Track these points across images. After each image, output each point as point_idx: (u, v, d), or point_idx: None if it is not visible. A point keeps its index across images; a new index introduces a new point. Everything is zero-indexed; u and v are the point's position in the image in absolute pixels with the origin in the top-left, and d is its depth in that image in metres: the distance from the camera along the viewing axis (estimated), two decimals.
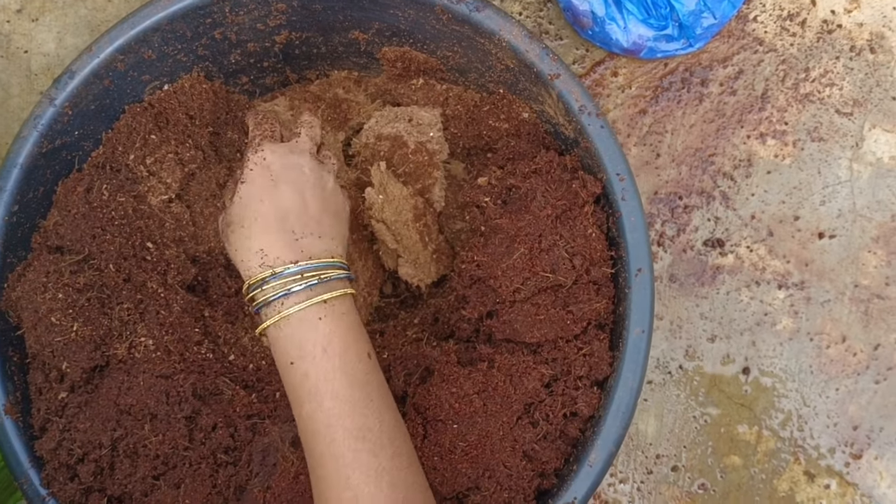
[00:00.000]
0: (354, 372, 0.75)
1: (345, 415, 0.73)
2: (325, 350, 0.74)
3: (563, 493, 0.82)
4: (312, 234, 0.80)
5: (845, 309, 1.09)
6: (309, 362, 0.74)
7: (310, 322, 0.75)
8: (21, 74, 1.17)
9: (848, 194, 1.10)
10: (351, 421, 0.73)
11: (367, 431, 0.73)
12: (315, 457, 0.73)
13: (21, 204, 0.89)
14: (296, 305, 0.75)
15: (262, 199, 0.79)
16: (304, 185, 0.81)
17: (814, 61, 1.13)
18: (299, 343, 0.74)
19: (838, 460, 1.07)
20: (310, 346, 0.74)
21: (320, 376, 0.74)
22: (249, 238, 0.78)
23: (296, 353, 0.74)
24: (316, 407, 0.73)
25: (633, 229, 0.85)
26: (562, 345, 0.86)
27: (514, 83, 0.94)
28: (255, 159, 0.82)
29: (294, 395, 0.75)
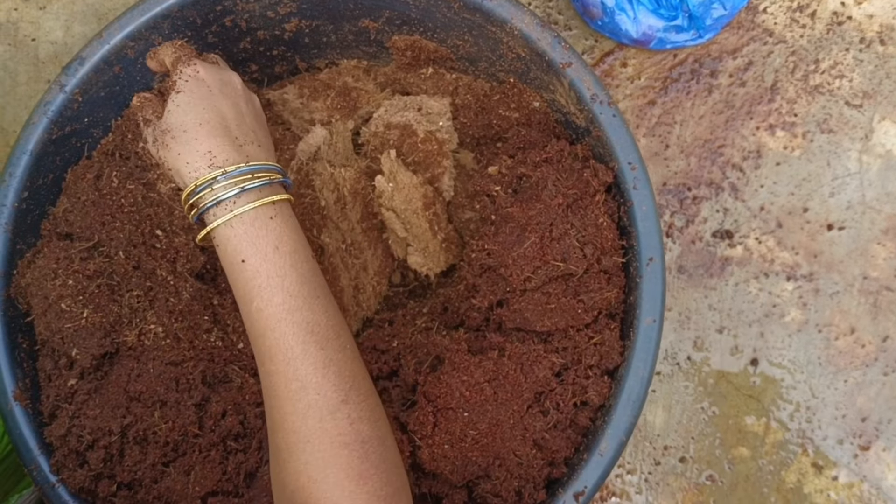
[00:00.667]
0: (303, 269, 0.76)
1: (294, 309, 0.74)
2: (277, 248, 0.75)
3: (573, 481, 0.82)
4: (252, 142, 0.81)
5: (854, 301, 1.08)
6: (261, 259, 0.74)
7: (262, 220, 0.76)
8: (29, 62, 1.17)
9: (857, 186, 1.10)
10: (300, 315, 0.74)
11: (315, 325, 0.74)
12: (263, 352, 0.74)
13: (31, 190, 0.89)
14: (249, 204, 0.75)
15: (204, 107, 0.79)
16: (238, 99, 0.83)
17: (823, 53, 1.13)
18: (252, 240, 0.75)
19: (846, 452, 1.06)
20: (262, 243, 0.75)
21: (272, 272, 0.74)
22: (196, 140, 0.78)
23: (249, 250, 0.74)
24: (266, 303, 0.73)
25: (644, 218, 0.85)
26: (572, 334, 0.86)
27: (525, 72, 0.94)
28: (188, 72, 0.82)
29: (243, 293, 0.75)
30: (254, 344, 0.75)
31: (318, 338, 0.74)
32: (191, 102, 0.80)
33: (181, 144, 0.78)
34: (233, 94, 0.83)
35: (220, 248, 0.76)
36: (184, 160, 0.78)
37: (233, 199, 0.76)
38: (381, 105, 1.01)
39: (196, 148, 0.77)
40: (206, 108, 0.80)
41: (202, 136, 0.78)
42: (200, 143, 0.78)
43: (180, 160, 0.78)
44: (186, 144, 0.78)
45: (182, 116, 0.79)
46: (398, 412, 0.86)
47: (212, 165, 0.77)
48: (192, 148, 0.78)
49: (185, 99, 0.80)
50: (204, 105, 0.80)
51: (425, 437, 0.83)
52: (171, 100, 0.80)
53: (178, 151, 0.78)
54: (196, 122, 0.78)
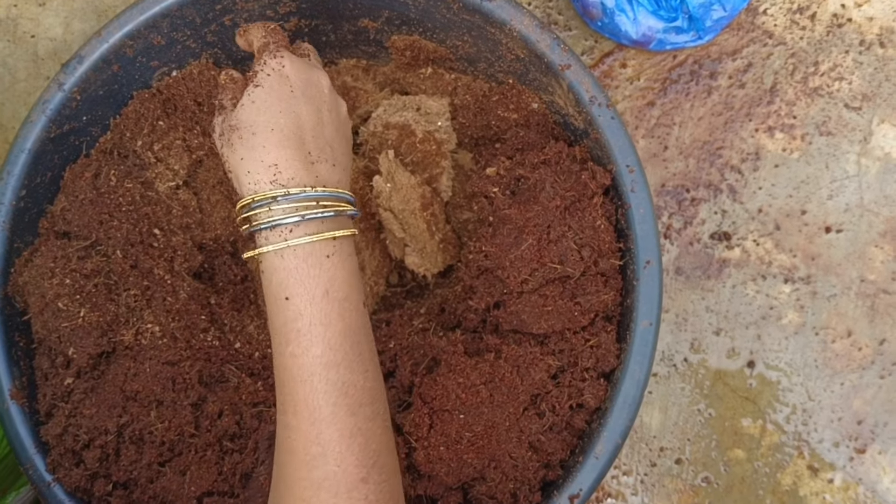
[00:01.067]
0: (350, 320, 0.69)
1: (332, 365, 0.67)
2: (328, 292, 0.68)
3: (568, 484, 0.82)
4: (327, 160, 0.72)
5: (851, 304, 1.09)
6: (307, 302, 0.67)
7: (316, 258, 0.68)
8: (28, 59, 1.16)
9: (856, 189, 1.10)
10: (336, 373, 0.67)
11: (351, 387, 0.67)
12: (288, 403, 0.67)
13: (29, 189, 0.89)
14: (307, 236, 0.68)
15: (281, 110, 0.70)
16: (322, 105, 0.73)
17: (823, 55, 1.12)
18: (302, 279, 0.67)
19: (842, 455, 1.07)
20: (312, 284, 0.67)
21: (316, 319, 0.67)
22: (264, 147, 0.68)
23: (296, 289, 0.67)
24: (303, 351, 0.66)
25: (642, 221, 0.85)
26: (569, 336, 0.86)
27: (524, 73, 0.94)
28: (273, 64, 0.72)
29: (280, 332, 0.68)
30: (279, 390, 0.68)
31: (350, 401, 0.67)
32: (267, 101, 0.70)
33: (247, 149, 0.69)
34: (317, 97, 0.73)
35: (265, 276, 0.69)
36: (245, 167, 0.69)
37: (290, 227, 0.68)
38: (380, 105, 1.01)
39: (261, 157, 0.69)
40: (283, 112, 0.70)
41: (271, 145, 0.69)
42: (268, 152, 0.69)
43: (242, 166, 0.69)
44: (252, 150, 0.69)
45: (255, 116, 0.70)
46: (394, 414, 0.86)
47: (274, 182, 0.68)
48: (256, 156, 0.69)
49: (263, 96, 0.70)
50: (281, 107, 0.70)
51: (421, 439, 0.83)
52: (248, 93, 0.71)
53: (242, 156, 0.69)
54: (268, 126, 0.69)
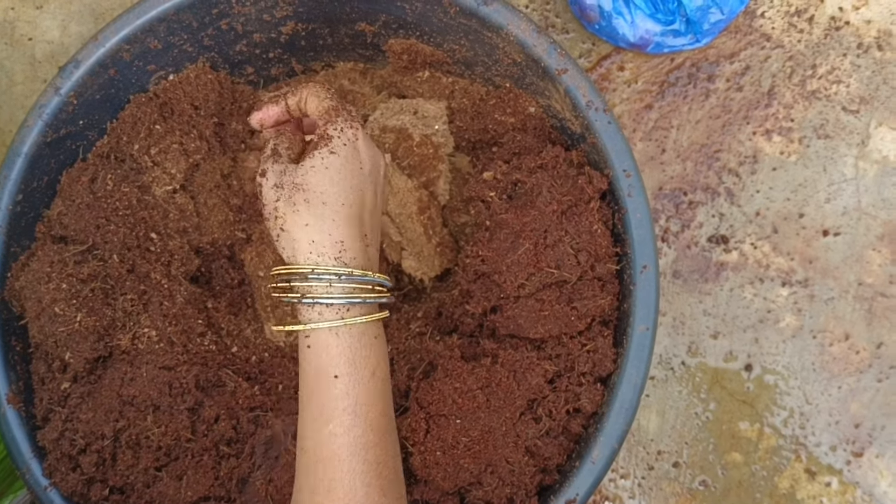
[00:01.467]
0: (387, 401, 0.70)
1: (370, 446, 0.67)
2: (374, 373, 0.68)
3: (565, 489, 0.82)
4: (374, 243, 0.72)
5: (849, 307, 1.09)
6: (355, 381, 0.67)
7: (368, 339, 0.69)
8: (25, 62, 1.16)
9: (853, 192, 1.10)
10: (374, 454, 0.68)
11: (384, 468, 0.68)
12: (321, 480, 0.67)
13: (25, 193, 0.89)
14: (362, 317, 0.68)
15: (353, 186, 0.69)
16: (379, 188, 0.74)
17: (821, 58, 1.12)
18: (353, 358, 0.67)
19: (839, 458, 1.07)
20: (362, 364, 0.68)
21: (361, 399, 0.67)
22: (333, 221, 0.68)
23: (346, 367, 0.67)
24: (345, 430, 0.66)
25: (638, 226, 0.85)
26: (566, 341, 0.86)
27: (521, 77, 0.94)
28: (349, 135, 0.71)
29: (321, 409, 0.67)
30: (310, 467, 0.67)
31: (383, 482, 0.68)
32: (342, 172, 0.69)
33: (315, 217, 0.68)
34: (377, 179, 0.73)
35: (312, 351, 0.67)
36: (310, 236, 0.68)
37: (346, 307, 0.68)
38: (377, 108, 1.01)
39: (330, 230, 0.68)
40: (354, 189, 0.69)
41: (340, 220, 0.68)
42: (337, 226, 0.68)
43: (305, 233, 0.68)
44: (321, 220, 0.68)
45: (327, 185, 0.68)
46: None
47: (339, 259, 0.68)
48: (325, 227, 0.68)
49: (338, 165, 0.69)
50: (353, 183, 0.69)
51: (417, 444, 0.83)
52: (321, 156, 0.69)
53: (307, 222, 0.68)
54: (340, 199, 0.68)
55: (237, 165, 0.98)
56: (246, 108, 1.01)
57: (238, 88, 1.00)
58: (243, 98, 1.01)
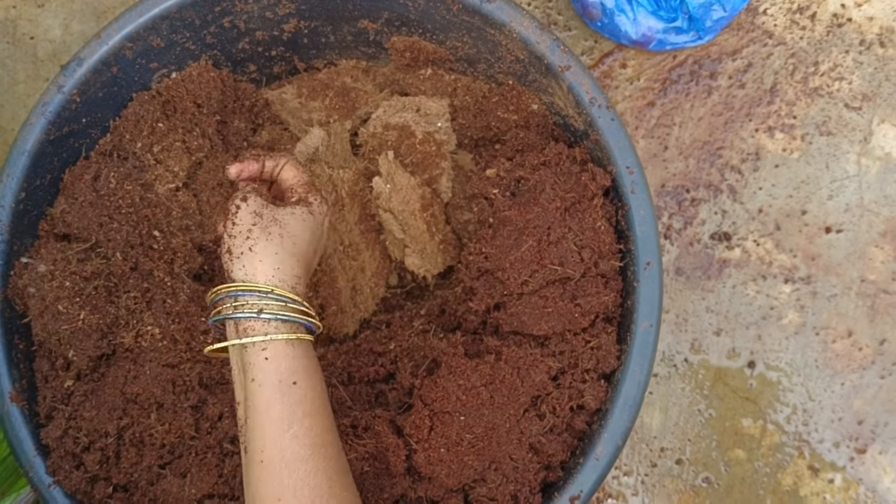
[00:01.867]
0: (329, 404, 0.77)
1: (327, 444, 0.73)
2: (320, 380, 0.76)
3: (569, 485, 0.82)
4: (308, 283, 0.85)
5: (851, 304, 1.08)
6: (309, 386, 0.74)
7: (311, 352, 0.77)
8: (27, 60, 1.16)
9: (856, 189, 1.10)
10: (331, 450, 0.73)
11: (340, 462, 0.74)
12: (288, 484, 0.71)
13: (28, 191, 0.89)
14: (307, 335, 0.77)
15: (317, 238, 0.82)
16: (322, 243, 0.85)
17: (823, 55, 1.12)
18: (306, 366, 0.75)
19: (843, 455, 1.07)
20: (312, 371, 0.75)
21: (316, 402, 0.74)
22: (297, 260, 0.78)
23: (302, 374, 0.74)
24: (305, 432, 0.72)
25: (642, 223, 0.85)
26: (569, 338, 0.86)
27: (524, 74, 0.94)
28: (323, 209, 0.83)
29: (283, 416, 0.72)
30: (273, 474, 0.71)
31: (341, 476, 0.73)
32: (312, 229, 0.81)
33: (284, 249, 0.77)
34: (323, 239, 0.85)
35: (272, 363, 0.73)
36: (275, 263, 0.76)
37: (298, 325, 0.76)
38: (380, 106, 1.01)
39: (292, 265, 0.77)
40: (313, 242, 0.81)
41: (302, 260, 0.79)
42: (298, 263, 0.78)
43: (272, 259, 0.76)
44: (289, 254, 0.77)
45: (300, 231, 0.79)
46: (395, 416, 0.86)
47: (295, 289, 0.76)
48: (290, 261, 0.77)
49: (311, 223, 0.81)
50: (317, 236, 0.82)
51: (421, 441, 0.83)
52: (301, 210, 0.80)
53: (277, 251, 0.77)
54: (304, 245, 0.79)
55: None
56: (248, 105, 1.01)
57: (240, 86, 1.00)
58: (246, 96, 1.01)
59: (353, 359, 0.92)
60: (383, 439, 0.83)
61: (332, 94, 1.03)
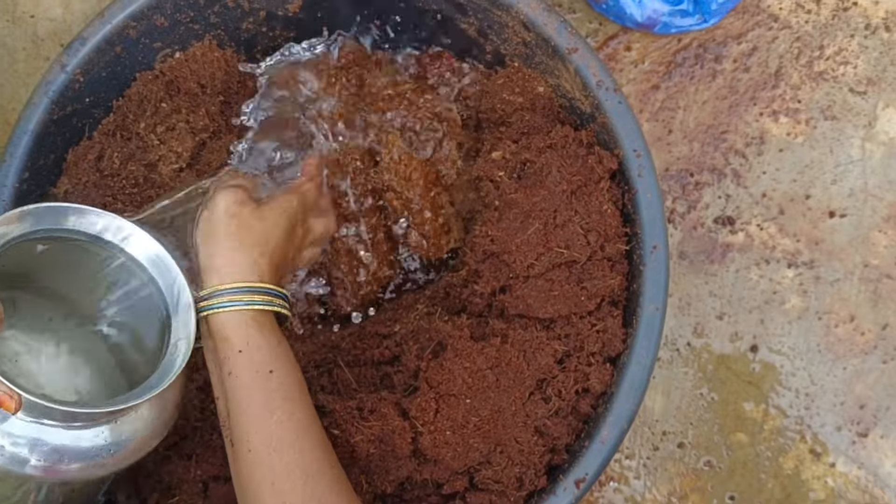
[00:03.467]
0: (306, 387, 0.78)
1: (310, 425, 0.76)
2: (295, 365, 0.78)
3: (574, 468, 0.82)
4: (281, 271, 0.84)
5: (854, 288, 1.09)
6: (286, 372, 0.76)
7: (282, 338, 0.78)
8: (27, 39, 1.15)
9: (860, 174, 1.10)
10: (315, 431, 0.76)
11: (324, 442, 0.76)
12: (279, 468, 0.72)
13: (31, 171, 0.89)
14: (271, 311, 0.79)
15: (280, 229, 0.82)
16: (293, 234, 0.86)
17: (828, 39, 1.12)
18: (280, 354, 0.76)
19: (844, 439, 1.07)
20: (285, 357, 0.77)
21: (294, 387, 0.76)
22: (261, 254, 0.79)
23: (278, 362, 0.76)
24: (288, 416, 0.74)
25: (648, 206, 0.85)
26: (575, 321, 0.86)
27: (530, 56, 0.93)
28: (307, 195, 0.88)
29: (266, 404, 0.74)
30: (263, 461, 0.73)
31: (328, 454, 0.76)
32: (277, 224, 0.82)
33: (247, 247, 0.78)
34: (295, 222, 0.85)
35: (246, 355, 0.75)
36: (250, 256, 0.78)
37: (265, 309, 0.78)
38: (386, 87, 1.01)
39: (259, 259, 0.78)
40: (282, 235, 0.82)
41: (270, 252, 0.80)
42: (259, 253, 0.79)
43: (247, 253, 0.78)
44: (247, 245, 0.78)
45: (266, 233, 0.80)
46: (400, 398, 0.86)
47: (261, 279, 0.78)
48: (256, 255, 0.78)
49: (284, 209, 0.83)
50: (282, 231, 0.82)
51: (427, 424, 0.83)
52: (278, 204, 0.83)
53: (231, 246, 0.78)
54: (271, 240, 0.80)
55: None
56: (252, 86, 1.01)
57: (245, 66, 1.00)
58: (250, 76, 1.00)
59: (359, 341, 0.92)
60: (389, 422, 0.83)
61: (338, 74, 1.02)
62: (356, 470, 0.82)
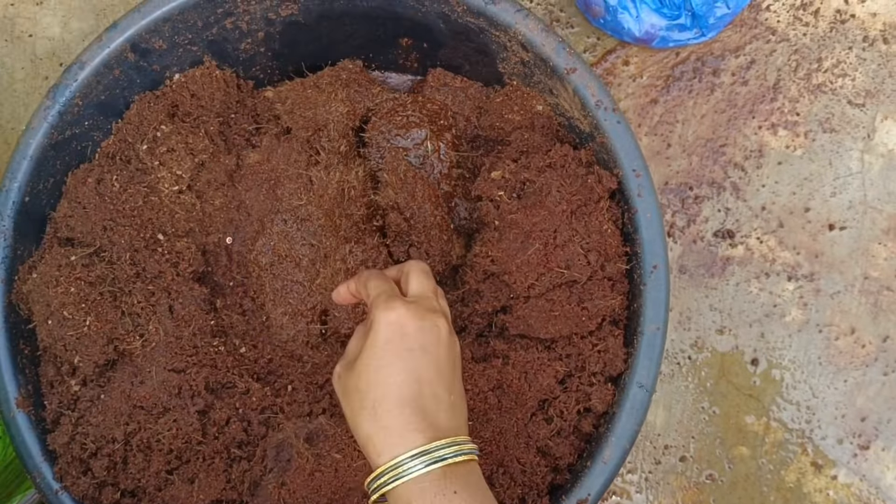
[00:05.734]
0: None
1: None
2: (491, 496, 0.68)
3: (576, 489, 0.82)
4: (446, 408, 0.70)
5: (855, 301, 1.09)
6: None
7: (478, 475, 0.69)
8: (26, 59, 1.16)
9: (859, 186, 1.10)
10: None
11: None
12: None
13: (31, 195, 0.89)
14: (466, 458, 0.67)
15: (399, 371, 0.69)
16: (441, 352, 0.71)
17: (826, 51, 1.12)
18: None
19: (846, 451, 1.07)
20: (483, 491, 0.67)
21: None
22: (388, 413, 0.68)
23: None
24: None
25: (648, 226, 0.85)
26: (576, 341, 0.86)
27: (529, 76, 0.93)
28: (385, 319, 0.70)
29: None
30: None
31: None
32: (383, 364, 0.69)
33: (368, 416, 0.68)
34: (435, 347, 0.70)
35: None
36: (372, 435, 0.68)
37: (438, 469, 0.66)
38: (384, 104, 1.01)
39: (385, 424, 0.67)
40: (401, 372, 0.68)
41: (393, 410, 0.67)
42: (391, 417, 0.67)
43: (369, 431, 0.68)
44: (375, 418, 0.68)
45: (372, 381, 0.69)
46: None
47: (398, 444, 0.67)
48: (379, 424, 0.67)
49: (379, 358, 0.69)
50: (398, 368, 0.69)
51: None
52: (365, 355, 0.70)
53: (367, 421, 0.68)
54: (384, 392, 0.68)
55: (242, 164, 0.98)
56: (250, 105, 1.01)
57: (243, 86, 1.00)
58: (248, 96, 1.00)
59: None
60: None
61: (334, 93, 1.02)
62: (358, 495, 0.82)
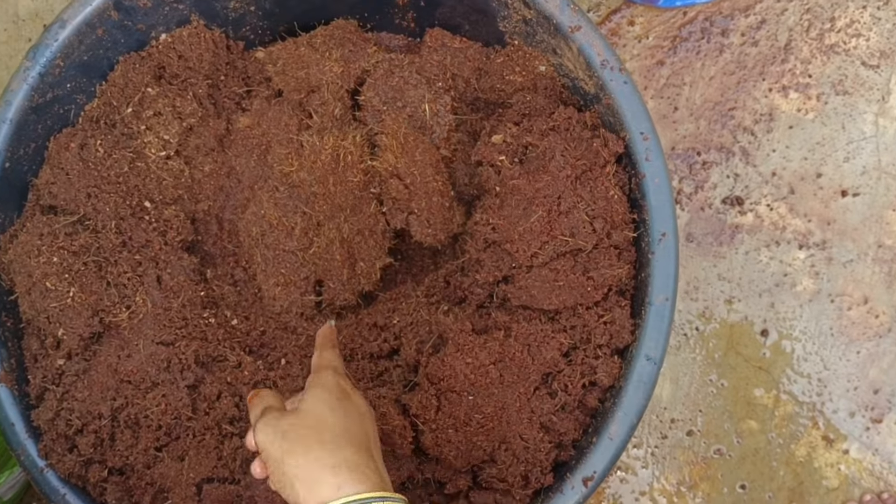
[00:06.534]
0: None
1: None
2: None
3: (581, 465, 0.79)
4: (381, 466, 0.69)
5: (868, 270, 1.05)
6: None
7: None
8: (8, 20, 1.12)
9: (873, 150, 1.06)
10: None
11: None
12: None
13: (12, 161, 0.85)
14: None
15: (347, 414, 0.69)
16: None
17: (840, 10, 1.08)
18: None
19: (858, 425, 1.04)
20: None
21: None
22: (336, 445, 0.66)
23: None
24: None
25: (657, 191, 0.81)
26: (581, 312, 0.82)
27: (531, 35, 0.89)
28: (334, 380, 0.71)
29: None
30: None
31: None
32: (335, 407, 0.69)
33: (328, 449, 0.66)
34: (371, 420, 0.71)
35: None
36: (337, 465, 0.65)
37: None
38: (380, 65, 0.97)
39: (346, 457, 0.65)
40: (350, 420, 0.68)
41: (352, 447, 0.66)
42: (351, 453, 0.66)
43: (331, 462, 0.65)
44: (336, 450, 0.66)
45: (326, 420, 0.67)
46: (399, 394, 0.83)
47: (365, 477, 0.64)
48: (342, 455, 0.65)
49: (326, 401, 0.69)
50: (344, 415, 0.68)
51: (428, 422, 0.80)
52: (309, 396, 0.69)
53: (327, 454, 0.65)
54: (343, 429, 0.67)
55: (231, 128, 0.94)
56: (241, 67, 0.97)
57: (232, 47, 0.96)
58: (238, 57, 0.96)
59: (355, 333, 0.89)
60: (388, 420, 0.80)
61: (328, 52, 0.98)
62: None
